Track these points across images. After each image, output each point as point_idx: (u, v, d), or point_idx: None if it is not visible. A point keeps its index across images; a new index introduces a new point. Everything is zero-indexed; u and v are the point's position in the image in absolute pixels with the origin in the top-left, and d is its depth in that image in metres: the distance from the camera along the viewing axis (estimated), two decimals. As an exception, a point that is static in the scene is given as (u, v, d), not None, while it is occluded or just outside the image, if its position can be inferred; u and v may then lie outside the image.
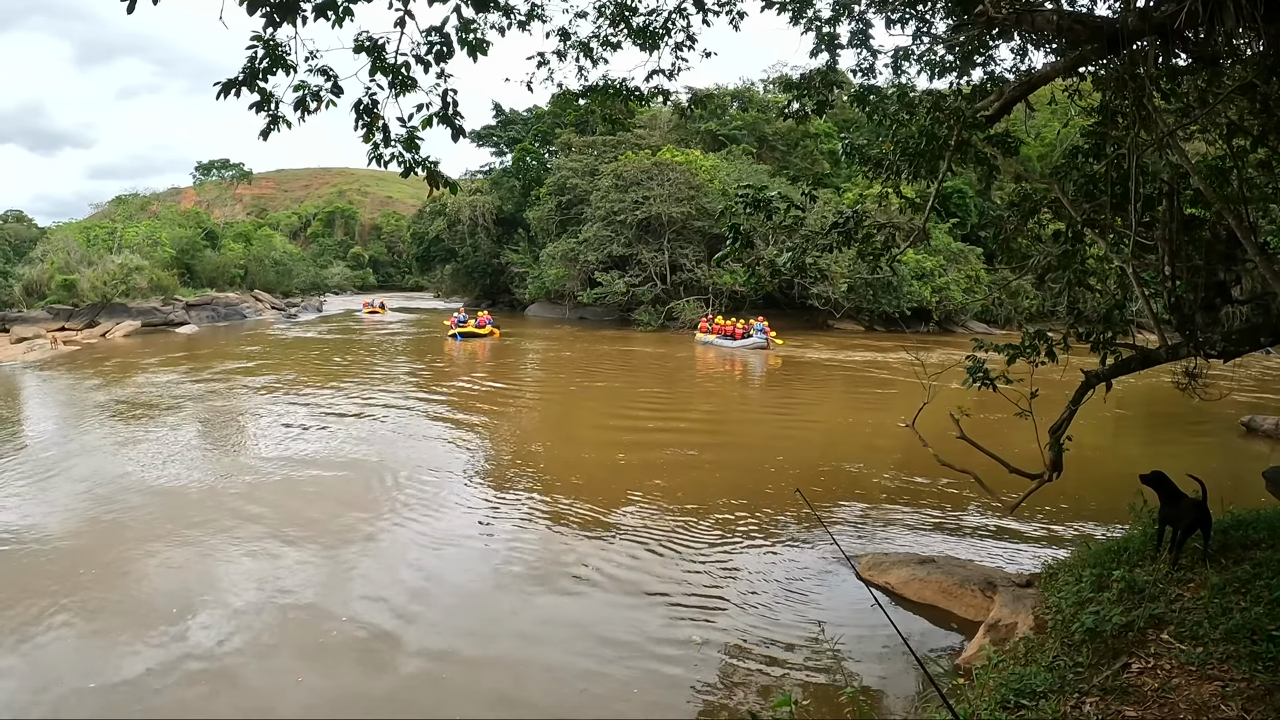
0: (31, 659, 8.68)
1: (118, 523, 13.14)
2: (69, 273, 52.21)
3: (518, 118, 74.93)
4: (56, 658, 8.71)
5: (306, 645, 9.01)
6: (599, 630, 9.35)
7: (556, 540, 12.34)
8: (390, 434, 20.17)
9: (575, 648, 8.94)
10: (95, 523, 13.18)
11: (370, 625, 9.46)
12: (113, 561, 11.47)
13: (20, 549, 11.98)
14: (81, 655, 8.74)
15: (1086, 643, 6.19)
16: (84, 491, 14.87)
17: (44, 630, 9.34)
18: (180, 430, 20.44)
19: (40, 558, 11.66)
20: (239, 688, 8.17)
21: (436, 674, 8.45)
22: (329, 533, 12.57)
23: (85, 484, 15.33)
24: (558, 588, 10.59)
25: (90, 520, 13.31)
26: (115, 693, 8.02)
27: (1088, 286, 8.09)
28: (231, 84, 5.28)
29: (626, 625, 9.46)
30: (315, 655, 8.78)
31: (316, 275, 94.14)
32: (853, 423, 22.37)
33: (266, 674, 8.44)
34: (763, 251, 8.19)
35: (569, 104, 55.48)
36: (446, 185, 6.12)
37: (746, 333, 41.51)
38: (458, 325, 47.54)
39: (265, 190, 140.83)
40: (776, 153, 61.62)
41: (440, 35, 5.75)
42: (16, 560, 11.55)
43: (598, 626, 9.45)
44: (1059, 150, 9.50)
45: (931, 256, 48.19)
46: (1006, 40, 7.73)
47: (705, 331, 44.19)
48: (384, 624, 9.49)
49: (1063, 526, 12.66)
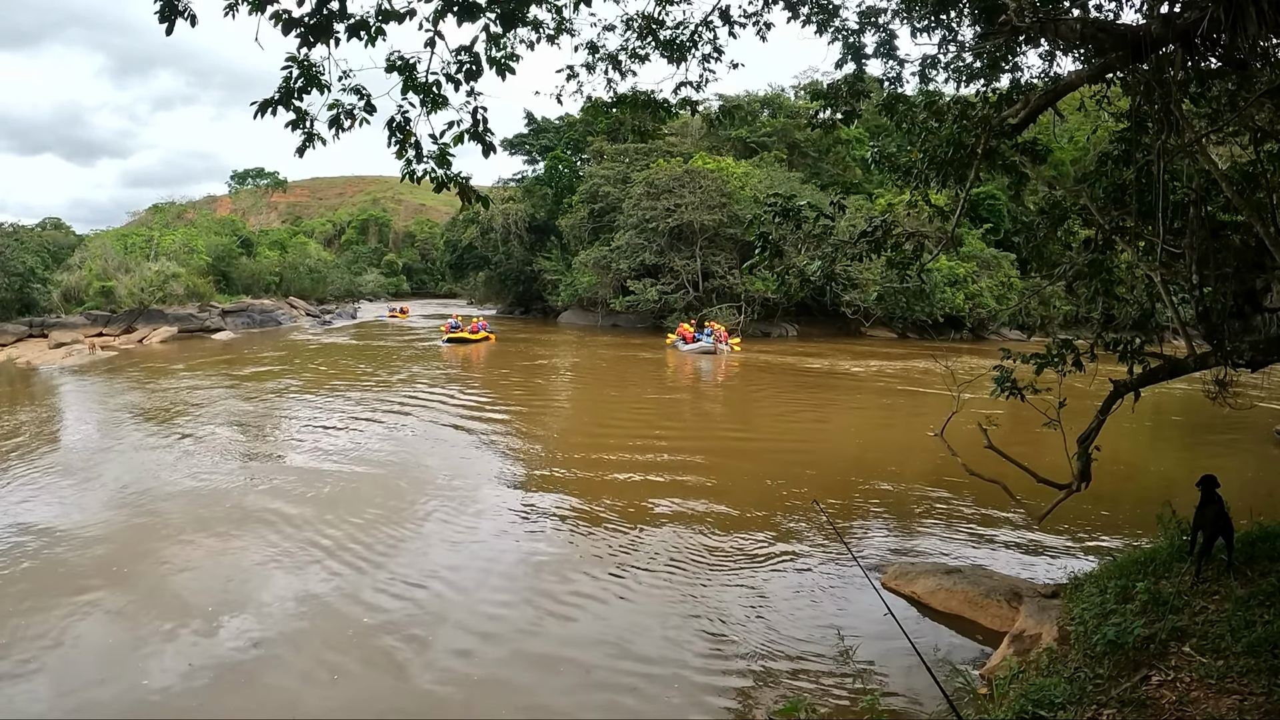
0: (71, 654, 8.90)
1: (152, 521, 13.45)
2: (107, 279, 53.07)
3: (549, 126, 75.17)
4: (95, 653, 8.93)
5: (338, 644, 9.15)
6: (621, 636, 9.41)
7: (580, 547, 12.40)
8: (414, 437, 20.47)
9: (598, 654, 8.99)
10: (130, 521, 13.51)
11: (398, 626, 9.58)
12: (148, 559, 11.75)
13: (59, 545, 12.29)
14: (120, 651, 8.95)
15: (1107, 654, 6.17)
16: (120, 491, 15.24)
17: (83, 624, 9.59)
18: (214, 432, 20.78)
19: (78, 554, 11.96)
20: (274, 685, 8.35)
21: (465, 675, 8.55)
22: (358, 532, 12.77)
23: (121, 484, 15.69)
24: (582, 594, 10.64)
25: (126, 518, 13.64)
26: (155, 689, 8.21)
27: (1116, 295, 8.05)
28: (268, 103, 5.42)
29: (649, 631, 9.51)
30: (346, 654, 8.92)
31: (350, 282, 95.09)
32: (882, 431, 22.27)
33: (301, 672, 8.59)
34: (793, 259, 8.15)
35: (600, 113, 55.18)
36: (479, 201, 6.23)
37: (696, 337, 43.34)
38: (451, 330, 48.28)
39: (300, 198, 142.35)
40: (808, 159, 61.47)
41: (470, 55, 5.87)
42: (56, 556, 11.86)
43: (620, 633, 9.51)
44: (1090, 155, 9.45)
45: (964, 263, 47.73)
46: (1033, 47, 7.71)
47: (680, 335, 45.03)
48: (411, 626, 9.60)
49: (1090, 537, 12.55)
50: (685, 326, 45.33)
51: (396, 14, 5.60)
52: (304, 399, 26.89)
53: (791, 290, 8.86)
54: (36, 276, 48.86)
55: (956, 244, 8.31)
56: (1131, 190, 6.94)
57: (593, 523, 13.40)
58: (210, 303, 58.48)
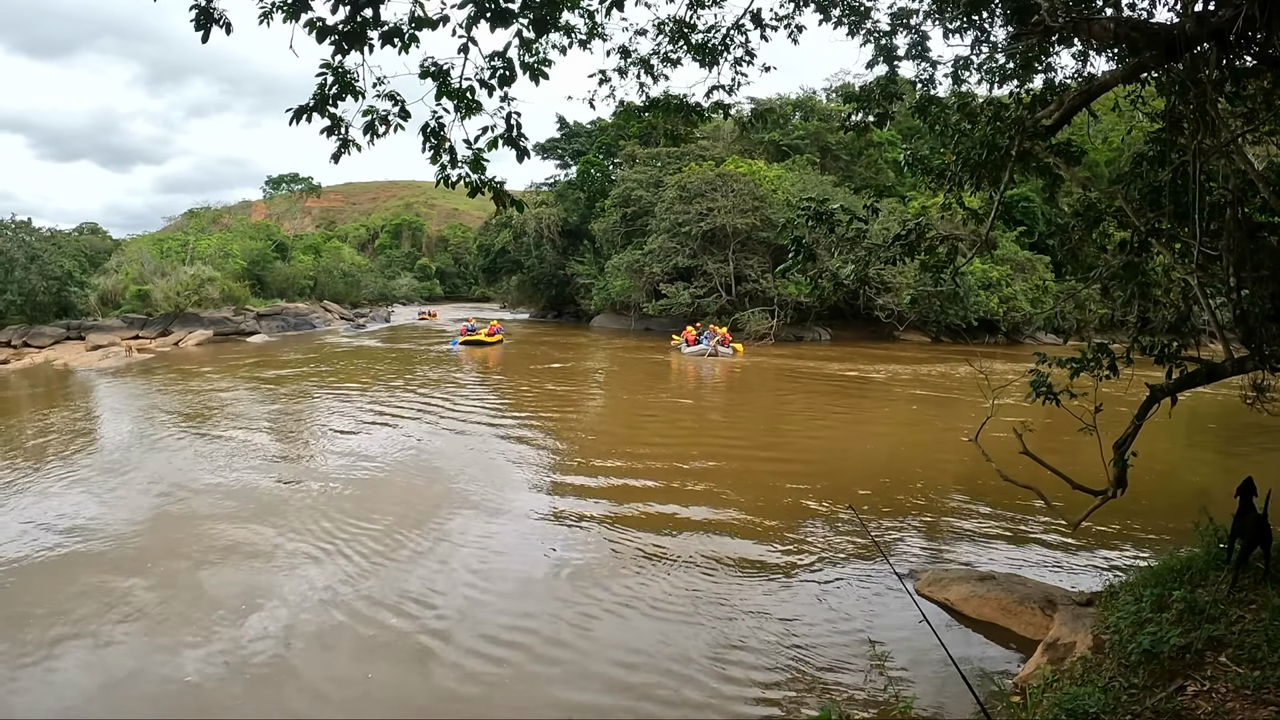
0: (107, 647, 9.08)
1: (185, 519, 13.70)
2: (143, 283, 53.99)
3: (581, 130, 75.36)
4: (130, 647, 9.11)
5: (369, 643, 9.25)
6: (650, 639, 9.42)
7: (607, 550, 12.41)
8: (439, 439, 20.65)
9: (624, 658, 9.01)
10: (164, 519, 13.78)
11: (426, 627, 9.67)
12: (181, 556, 11.96)
13: (95, 541, 12.59)
14: (156, 646, 9.11)
15: (1143, 664, 6.09)
16: (154, 489, 15.56)
17: (118, 619, 9.79)
18: (246, 433, 21.11)
19: (113, 550, 12.24)
20: (308, 683, 8.46)
21: (494, 678, 8.59)
22: (384, 533, 12.91)
23: (156, 483, 15.99)
24: (611, 595, 10.66)
25: (159, 516, 13.92)
26: (192, 684, 8.34)
27: (1152, 298, 7.95)
28: (303, 109, 5.50)
29: (678, 635, 9.51)
30: (377, 654, 9.00)
31: (384, 286, 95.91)
32: (914, 436, 22.11)
33: (334, 670, 8.69)
34: (826, 263, 8.12)
35: (632, 118, 55.36)
36: (513, 205, 6.27)
37: (698, 340, 43.66)
38: (467, 333, 48.74)
39: (334, 203, 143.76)
40: (840, 162, 61.22)
41: (503, 60, 5.91)
42: (91, 551, 12.16)
43: (649, 635, 9.52)
44: (1125, 156, 9.33)
45: (998, 266, 47.32)
46: (1066, 47, 7.63)
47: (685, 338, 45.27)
48: (439, 627, 9.70)
49: (1126, 545, 12.40)
50: (689, 330, 45.53)
51: (430, 21, 5.65)
52: (334, 401, 27.25)
53: (825, 294, 8.83)
54: (74, 280, 49.87)
55: (990, 247, 8.25)
56: (1167, 191, 6.86)
57: (620, 526, 13.41)
58: (245, 306, 59.25)
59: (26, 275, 46.15)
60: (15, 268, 45.98)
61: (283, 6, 5.37)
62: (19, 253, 46.50)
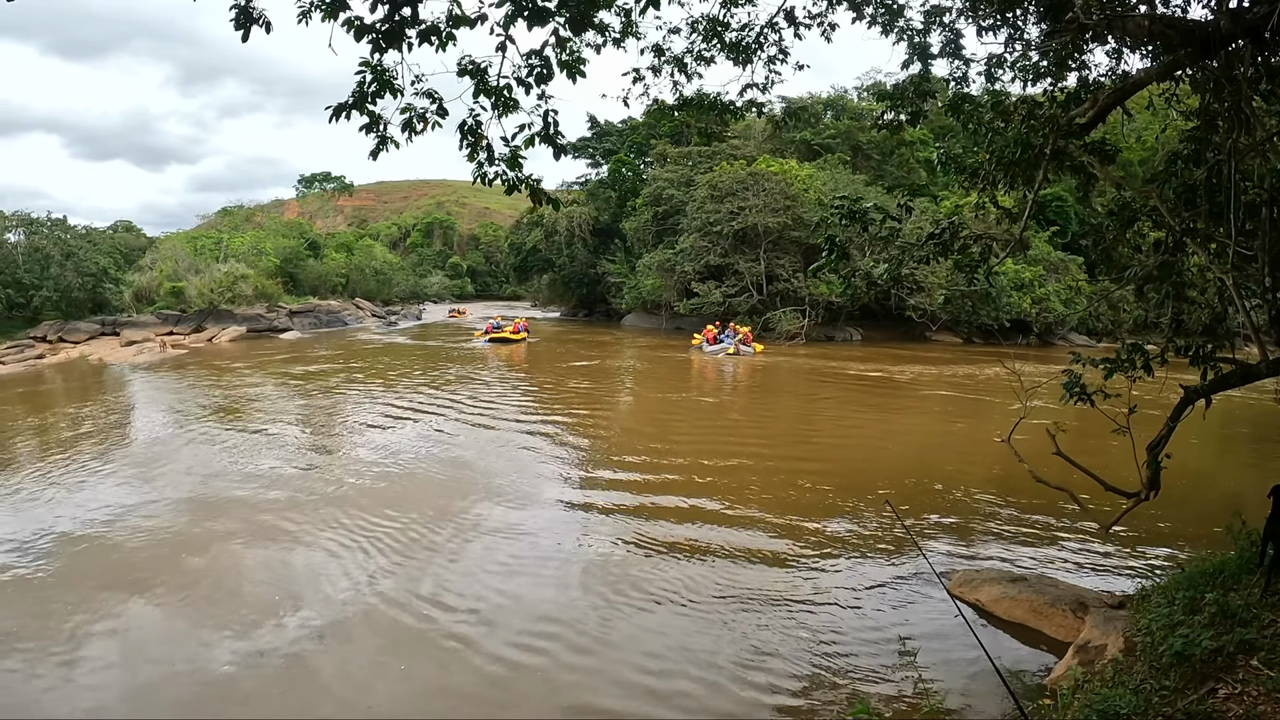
0: (144, 638, 9.27)
1: (217, 511, 13.93)
2: (177, 280, 54.84)
3: (612, 129, 75.38)
4: (166, 638, 9.29)
5: (401, 637, 9.39)
6: (680, 634, 9.48)
7: (639, 547, 12.46)
8: (468, 435, 20.83)
9: (656, 654, 9.05)
10: (197, 510, 14.02)
11: (459, 622, 9.79)
12: (214, 548, 12.19)
13: (130, 532, 12.87)
14: (191, 637, 9.28)
15: (1174, 666, 6.06)
16: (187, 481, 15.86)
17: (153, 610, 10.02)
18: (278, 427, 21.46)
19: (147, 541, 12.51)
20: (343, 675, 8.59)
21: (526, 673, 8.69)
22: (414, 526, 13.09)
23: (189, 476, 16.32)
24: (642, 591, 10.73)
25: (192, 508, 14.16)
26: (227, 676, 8.50)
27: (1187, 299, 7.87)
28: (342, 107, 5.59)
29: (708, 630, 9.56)
30: (409, 647, 9.14)
31: (416, 284, 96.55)
32: (945, 437, 21.97)
33: (368, 663, 8.82)
34: (859, 262, 8.10)
35: (664, 117, 55.41)
36: (549, 203, 6.34)
37: (719, 339, 43.70)
38: (493, 330, 49.47)
39: (366, 202, 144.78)
40: (871, 161, 60.85)
41: (540, 58, 5.96)
42: (126, 542, 12.42)
43: (679, 630, 9.58)
44: (1159, 155, 9.23)
45: (1031, 266, 46.83)
46: (1100, 45, 7.57)
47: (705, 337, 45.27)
48: (471, 622, 9.81)
49: (1159, 547, 12.28)
50: (709, 329, 45.55)
51: (467, 19, 5.72)
52: (364, 396, 27.60)
53: (858, 293, 8.83)
54: (109, 277, 50.80)
55: (1024, 247, 8.20)
56: (1202, 191, 6.79)
57: (651, 522, 13.48)
58: (278, 303, 59.92)
59: (62, 272, 46.94)
60: (51, 264, 46.80)
61: (321, 5, 5.45)
62: (55, 250, 47.32)
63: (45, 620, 9.72)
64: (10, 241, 47.13)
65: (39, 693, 8.24)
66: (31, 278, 45.93)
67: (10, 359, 38.73)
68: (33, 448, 19.22)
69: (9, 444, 19.71)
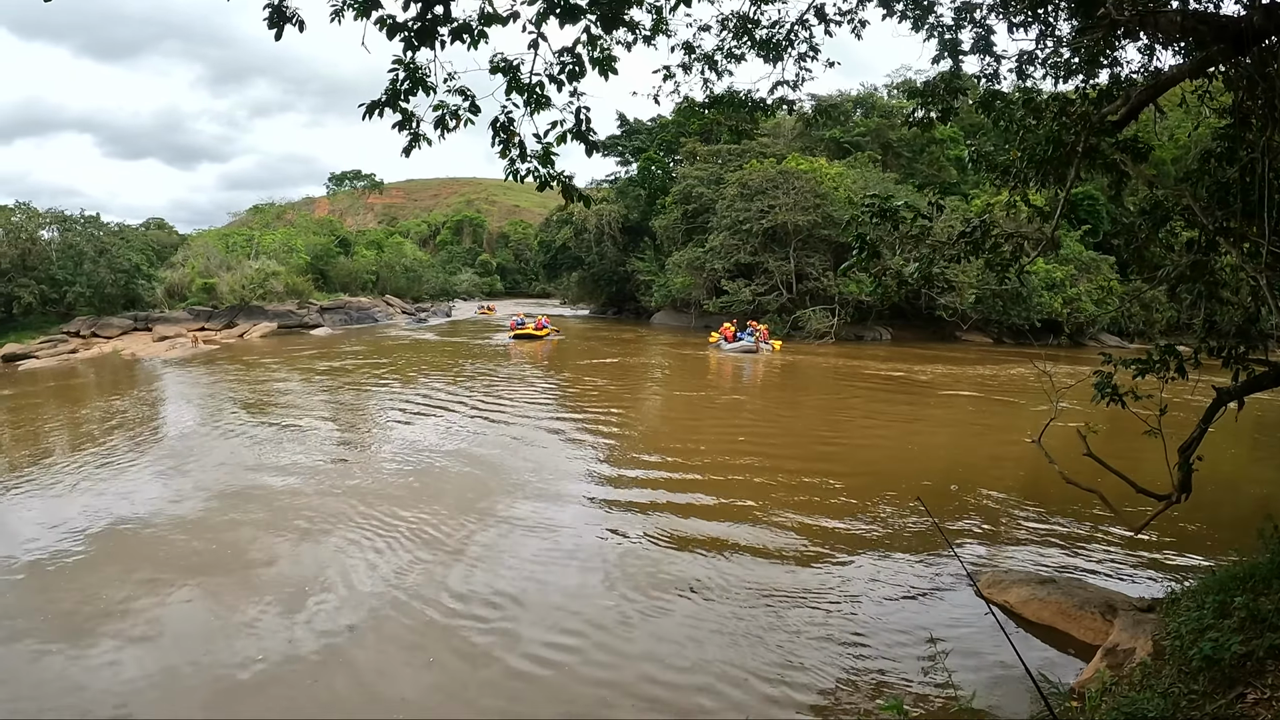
0: (175, 627, 9.43)
1: (247, 503, 14.17)
2: (209, 276, 55.70)
3: (642, 127, 75.38)
4: (196, 627, 9.45)
5: (428, 630, 9.48)
6: (707, 630, 9.49)
7: (666, 545, 12.48)
8: (494, 431, 20.98)
9: (682, 651, 9.05)
10: (227, 502, 14.26)
11: (484, 618, 9.86)
12: (244, 539, 12.38)
13: (161, 523, 13.11)
14: (221, 626, 9.45)
15: (1203, 670, 5.99)
16: (217, 474, 16.15)
17: (184, 599, 10.20)
18: (307, 422, 21.76)
19: (178, 532, 12.72)
20: (371, 666, 8.67)
21: (552, 669, 8.73)
22: (442, 521, 13.20)
23: (219, 467, 16.64)
24: (669, 588, 10.75)
25: (222, 499, 14.41)
26: (258, 664, 8.62)
27: (1220, 299, 7.78)
28: (375, 104, 5.65)
29: (735, 627, 9.57)
30: (436, 641, 9.23)
31: (445, 281, 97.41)
32: (974, 438, 21.81)
33: (396, 655, 8.90)
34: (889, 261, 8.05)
35: (694, 115, 55.88)
36: (581, 199, 6.37)
37: (737, 336, 43.71)
38: (517, 327, 50.61)
39: (396, 199, 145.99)
40: (901, 159, 60.50)
41: (572, 56, 6.00)
42: (158, 534, 12.64)
43: (706, 626, 9.58)
44: (1192, 153, 9.10)
45: (1062, 266, 46.37)
46: (1132, 41, 7.50)
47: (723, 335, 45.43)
48: (496, 618, 9.88)
49: (1189, 551, 12.13)
50: (727, 326, 45.68)
51: (499, 17, 5.77)
52: (390, 392, 27.94)
53: (889, 292, 8.81)
54: (141, 273, 51.68)
55: (1055, 246, 8.14)
56: (1235, 189, 6.72)
57: (679, 519, 13.51)
58: (309, 300, 60.67)
59: (95, 268, 47.68)
60: (84, 260, 47.55)
61: (354, 4, 5.51)
62: (88, 246, 48.11)
63: (88, 603, 10.00)
64: (44, 238, 47.94)
65: (83, 672, 8.45)
66: (65, 274, 46.68)
67: (44, 353, 39.56)
68: (68, 440, 19.63)
69: (46, 436, 20.12)
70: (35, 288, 45.00)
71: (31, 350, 40.20)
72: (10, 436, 20.86)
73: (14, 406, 25.24)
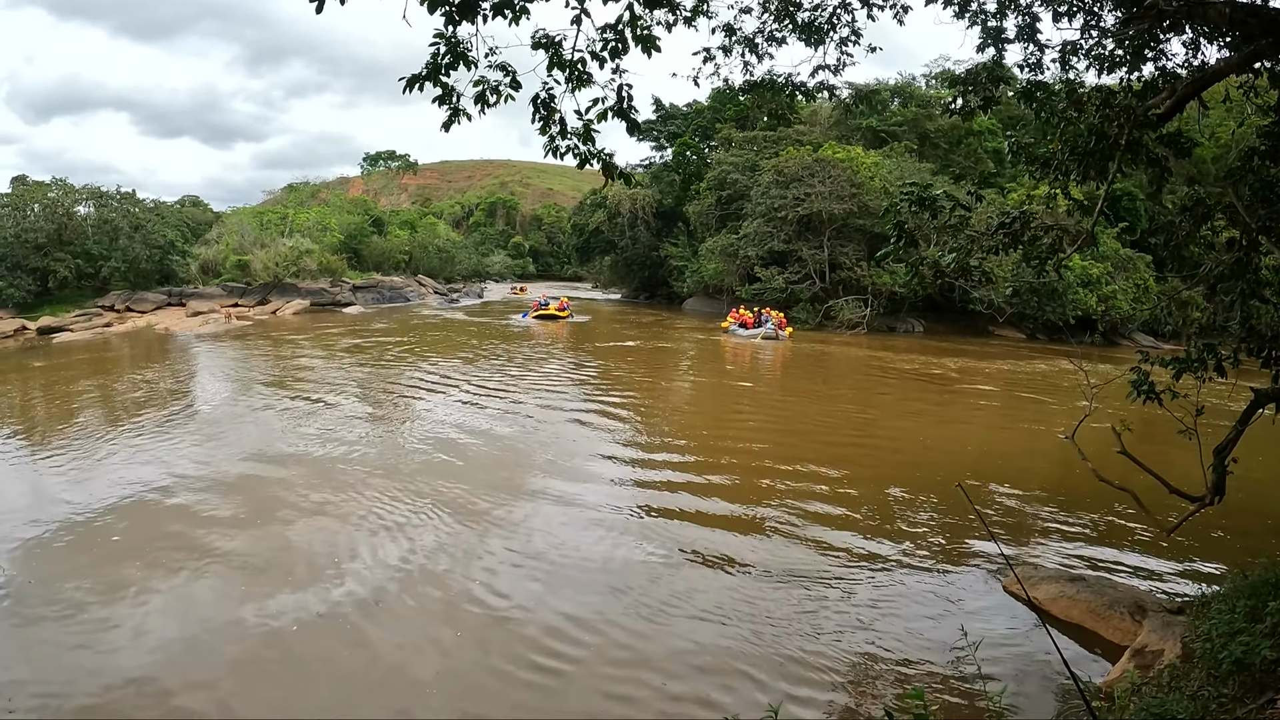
0: (203, 597, 9.58)
1: (277, 477, 14.35)
2: (243, 253, 56.35)
3: (677, 113, 75.03)
4: (224, 597, 9.58)
5: (453, 609, 9.55)
6: (732, 617, 9.49)
7: (695, 527, 12.50)
8: (521, 412, 21.03)
9: (705, 643, 9.01)
10: (257, 476, 14.46)
11: (509, 596, 9.93)
12: (273, 513, 12.54)
13: (192, 495, 13.29)
14: (248, 597, 9.57)
15: (1233, 674, 5.93)
16: (248, 447, 16.34)
17: (213, 570, 10.34)
18: (337, 398, 22.03)
19: (209, 504, 12.88)
20: (397, 642, 8.73)
21: (578, 654, 8.77)
22: (470, 500, 13.29)
23: (250, 441, 16.86)
24: (695, 573, 10.77)
25: (253, 473, 14.61)
26: (284, 635, 8.74)
27: (1261, 298, 7.65)
28: (416, 78, 5.65)
29: (761, 615, 9.55)
30: (462, 620, 9.29)
31: (478, 263, 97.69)
32: (1005, 434, 21.59)
33: (422, 632, 8.97)
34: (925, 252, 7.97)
35: (731, 99, 55.67)
36: (620, 177, 6.35)
37: (757, 322, 43.81)
38: (540, 308, 51.52)
39: (429, 180, 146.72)
40: (939, 150, 59.81)
41: (615, 32, 5.97)
42: (189, 506, 12.80)
43: (732, 613, 9.58)
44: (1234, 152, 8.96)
45: (1098, 263, 45.71)
46: (1178, 34, 7.37)
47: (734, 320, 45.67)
48: (521, 599, 9.94)
49: (1221, 554, 11.94)
50: (744, 312, 45.85)
51: (542, -9, 5.75)
52: (421, 370, 28.22)
53: (925, 282, 8.75)
54: (176, 249, 52.57)
55: (1092, 241, 8.05)
56: (1278, 188, 6.61)
57: (706, 504, 13.55)
58: (342, 278, 61.19)
59: (130, 244, 48.36)
60: (120, 236, 48.21)
61: (397, -23, 5.50)
62: (124, 222, 48.76)
63: (117, 570, 10.18)
64: (80, 214, 48.48)
65: (117, 637, 8.61)
66: (100, 249, 47.27)
67: (79, 326, 40.18)
68: (103, 412, 19.93)
69: (82, 406, 20.45)
70: (71, 262, 45.53)
71: (66, 323, 40.78)
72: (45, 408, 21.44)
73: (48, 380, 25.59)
